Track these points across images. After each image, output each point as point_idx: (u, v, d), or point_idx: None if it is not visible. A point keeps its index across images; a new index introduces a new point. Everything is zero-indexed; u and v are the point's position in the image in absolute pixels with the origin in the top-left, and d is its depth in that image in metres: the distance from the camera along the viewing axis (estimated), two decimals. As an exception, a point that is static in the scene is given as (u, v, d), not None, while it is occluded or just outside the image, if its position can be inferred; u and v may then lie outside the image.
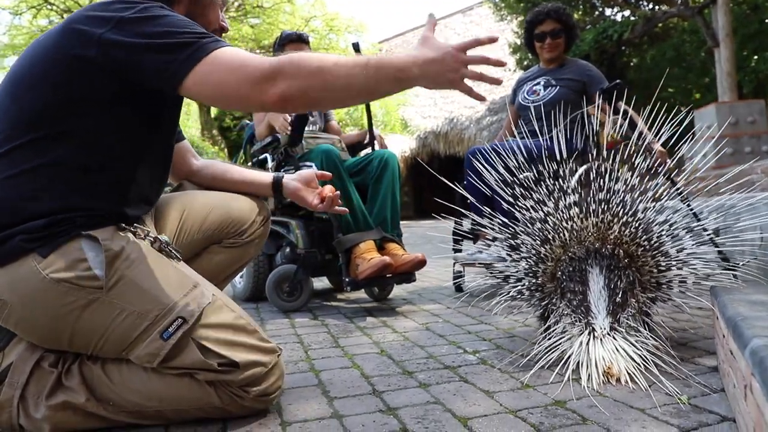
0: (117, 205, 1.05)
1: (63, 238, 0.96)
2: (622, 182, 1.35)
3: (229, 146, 13.27)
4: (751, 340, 0.81)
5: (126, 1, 0.99)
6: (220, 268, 1.36)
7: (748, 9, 9.24)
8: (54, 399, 0.98)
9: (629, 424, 0.95)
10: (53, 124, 0.98)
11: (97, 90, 0.99)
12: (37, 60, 1.00)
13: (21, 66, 1.03)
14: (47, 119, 0.98)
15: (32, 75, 1.00)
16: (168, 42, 0.93)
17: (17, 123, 0.98)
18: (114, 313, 0.97)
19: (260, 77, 0.92)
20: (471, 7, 18.12)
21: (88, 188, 1.01)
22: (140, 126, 1.07)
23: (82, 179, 1.00)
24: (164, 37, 0.94)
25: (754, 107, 6.97)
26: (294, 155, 2.37)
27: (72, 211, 0.98)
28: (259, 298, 2.56)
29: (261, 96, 0.93)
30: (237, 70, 0.93)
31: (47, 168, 0.97)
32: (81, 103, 0.99)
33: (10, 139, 0.98)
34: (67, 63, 0.97)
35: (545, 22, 2.59)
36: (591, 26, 9.97)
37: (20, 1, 11.05)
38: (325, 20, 12.71)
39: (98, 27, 0.95)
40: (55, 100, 0.98)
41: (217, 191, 1.38)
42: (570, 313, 1.28)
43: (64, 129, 0.98)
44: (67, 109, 0.98)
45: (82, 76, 0.97)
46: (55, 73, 0.98)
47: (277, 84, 0.92)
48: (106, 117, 1.01)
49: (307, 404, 1.12)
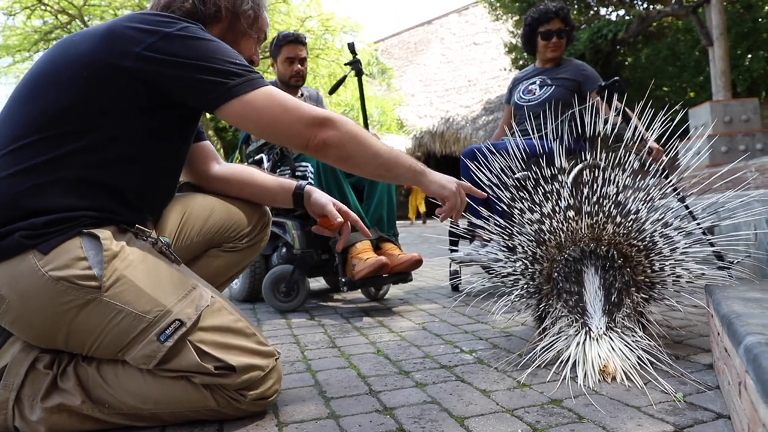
0: (120, 206, 1.05)
1: (63, 235, 0.96)
2: (615, 183, 1.35)
3: (224, 146, 13.25)
4: (745, 337, 0.82)
5: (168, 17, 1.04)
6: (219, 272, 1.36)
7: (742, 8, 9.29)
8: (49, 401, 0.97)
9: (625, 422, 0.95)
10: (68, 125, 0.98)
11: (124, 100, 1.01)
12: (66, 61, 1.01)
13: (44, 66, 1.04)
14: (63, 120, 0.98)
15: (58, 75, 1.01)
16: (215, 67, 1.01)
17: (31, 122, 0.99)
18: (111, 314, 0.96)
19: (313, 121, 1.06)
20: (467, 7, 18.16)
21: (91, 189, 1.01)
22: (154, 137, 1.08)
23: (86, 180, 1.00)
24: (211, 61, 1.01)
25: (748, 106, 7.01)
26: (290, 155, 2.37)
27: (74, 210, 0.98)
28: (255, 299, 2.56)
29: (309, 138, 1.06)
30: (293, 111, 1.05)
31: (50, 165, 0.97)
32: (103, 109, 1.00)
33: (17, 138, 0.98)
34: (101, 69, 0.99)
35: (552, 20, 2.58)
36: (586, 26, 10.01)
37: (14, 2, 10.98)
38: (320, 20, 12.68)
39: (141, 39, 0.99)
40: (77, 102, 0.99)
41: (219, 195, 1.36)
42: (566, 314, 1.28)
43: (78, 131, 0.99)
44: (88, 113, 0.99)
45: (113, 84, 0.99)
46: (85, 77, 0.99)
47: (324, 131, 1.06)
48: (124, 126, 1.02)
49: (303, 405, 1.12)
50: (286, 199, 1.41)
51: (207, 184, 1.38)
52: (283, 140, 1.12)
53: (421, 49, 17.87)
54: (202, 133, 1.38)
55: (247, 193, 1.38)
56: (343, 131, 1.08)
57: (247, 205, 1.37)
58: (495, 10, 10.92)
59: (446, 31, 17.75)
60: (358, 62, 2.72)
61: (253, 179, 1.40)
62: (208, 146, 1.39)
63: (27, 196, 0.96)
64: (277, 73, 2.66)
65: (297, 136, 1.06)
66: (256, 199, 1.40)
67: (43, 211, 0.96)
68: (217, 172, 1.38)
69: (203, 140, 1.38)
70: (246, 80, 1.03)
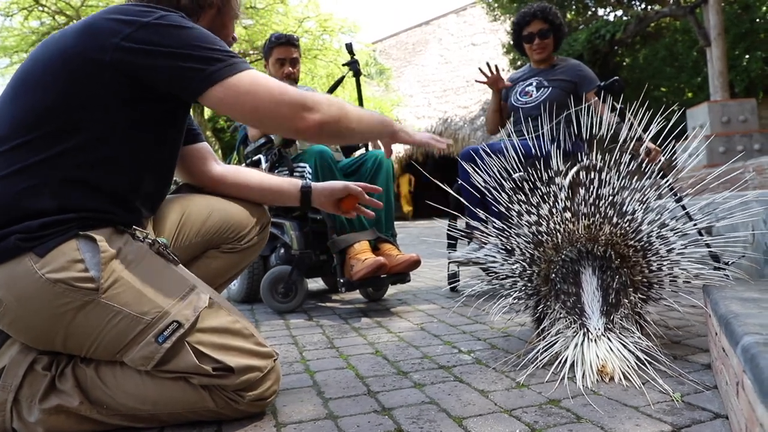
0: (114, 207, 1.04)
1: (60, 237, 0.95)
2: (612, 183, 1.35)
3: (222, 147, 13.23)
4: (743, 337, 0.82)
5: (147, 6, 1.01)
6: (218, 273, 1.35)
7: (740, 8, 9.31)
8: (47, 402, 0.97)
9: (623, 422, 0.95)
10: (55, 124, 0.97)
11: (107, 94, 0.99)
12: (48, 60, 1.00)
13: (29, 66, 1.03)
14: (50, 119, 0.97)
15: (43, 73, 1.00)
16: (195, 53, 0.98)
17: (19, 123, 0.98)
18: (109, 315, 0.96)
19: (300, 105, 1.03)
20: (464, 8, 18.15)
21: (84, 189, 1.00)
22: (144, 132, 1.07)
23: (79, 179, 0.99)
24: (191, 48, 0.98)
25: (746, 106, 7.03)
26: (288, 156, 2.37)
27: (69, 212, 0.97)
28: (253, 300, 2.55)
29: (299, 121, 1.03)
30: (278, 94, 1.02)
31: (43, 166, 0.96)
32: (88, 105, 0.99)
33: (7, 139, 0.97)
34: (82, 64, 0.97)
35: (532, 23, 2.59)
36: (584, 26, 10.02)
37: (11, 3, 10.95)
38: (318, 21, 12.66)
39: (119, 30, 0.97)
40: (62, 100, 0.98)
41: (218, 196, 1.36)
42: (564, 315, 1.29)
43: (66, 129, 0.98)
44: (73, 110, 0.98)
45: (95, 78, 0.98)
46: (67, 73, 0.98)
47: (313, 113, 1.03)
48: (111, 121, 1.01)
49: (302, 405, 1.12)
50: (291, 197, 1.42)
51: (206, 185, 1.37)
52: (269, 124, 1.09)
53: (419, 49, 17.87)
54: (200, 134, 1.37)
55: (246, 194, 1.38)
56: (329, 110, 1.06)
57: (247, 206, 1.37)
58: (493, 10, 10.92)
59: (444, 31, 17.75)
60: (356, 63, 2.71)
61: (253, 179, 1.40)
62: (206, 147, 1.38)
63: (21, 198, 0.95)
64: (269, 75, 2.67)
65: (284, 119, 1.04)
66: (256, 200, 1.39)
67: (38, 214, 0.95)
68: (216, 173, 1.37)
69: (201, 141, 1.37)
70: (227, 65, 0.99)
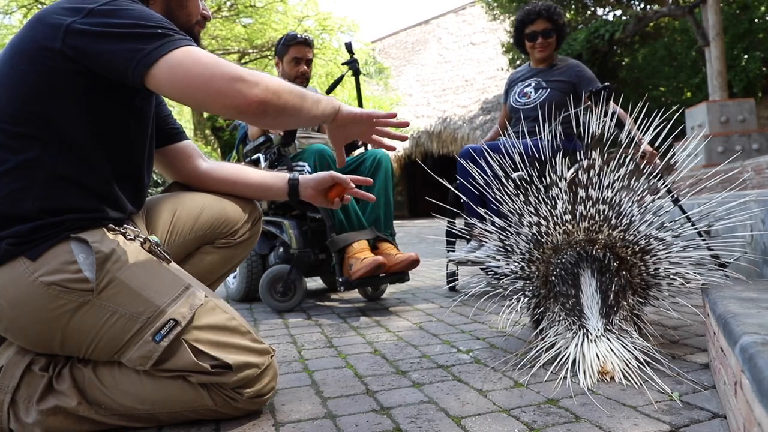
0: (100, 204, 1.03)
1: (52, 240, 0.95)
2: (611, 185, 1.35)
3: (221, 146, 13.23)
4: (741, 337, 0.82)
5: None
6: (213, 269, 1.35)
7: (738, 8, 9.31)
8: (45, 403, 0.97)
9: (621, 422, 0.95)
10: (27, 123, 0.96)
11: (66, 84, 0.97)
12: (9, 59, 0.99)
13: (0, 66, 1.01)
14: (21, 119, 0.96)
15: (8, 72, 0.98)
16: (137, 32, 0.93)
17: None
18: (105, 316, 0.96)
19: (236, 76, 0.93)
20: (464, 7, 18.15)
21: (66, 188, 0.99)
22: (113, 122, 1.05)
23: (60, 179, 0.98)
24: (134, 27, 0.94)
25: (745, 106, 7.04)
26: (287, 155, 2.37)
27: (58, 213, 0.97)
28: (252, 299, 2.55)
29: (238, 97, 0.93)
30: (212, 66, 0.93)
31: (23, 168, 0.96)
32: (51, 97, 0.97)
33: None
34: (36, 56, 0.96)
35: (536, 21, 2.59)
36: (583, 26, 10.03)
37: (10, 1, 10.93)
38: (317, 20, 12.65)
39: (65, 18, 0.95)
40: (28, 96, 0.96)
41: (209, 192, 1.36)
42: (564, 317, 1.29)
43: (40, 125, 0.97)
44: (39, 105, 0.97)
45: (50, 68, 0.96)
46: (25, 68, 0.96)
47: (254, 86, 0.94)
48: (78, 113, 0.99)
49: (300, 404, 1.12)
50: (279, 191, 1.41)
51: (195, 183, 1.37)
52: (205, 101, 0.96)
53: (419, 48, 17.87)
54: (182, 133, 1.37)
55: (234, 189, 1.38)
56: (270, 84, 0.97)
57: (237, 201, 1.37)
58: (492, 10, 10.93)
59: (444, 31, 17.75)
60: (355, 62, 2.71)
61: (240, 175, 1.40)
62: (190, 145, 1.38)
63: (6, 203, 0.95)
64: (281, 73, 2.67)
65: (219, 95, 0.93)
66: (246, 194, 1.39)
67: (26, 218, 0.95)
68: (204, 170, 1.37)
69: (184, 139, 1.37)
70: (166, 41, 0.93)
